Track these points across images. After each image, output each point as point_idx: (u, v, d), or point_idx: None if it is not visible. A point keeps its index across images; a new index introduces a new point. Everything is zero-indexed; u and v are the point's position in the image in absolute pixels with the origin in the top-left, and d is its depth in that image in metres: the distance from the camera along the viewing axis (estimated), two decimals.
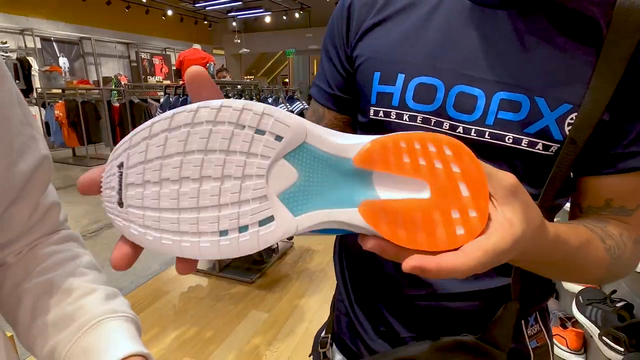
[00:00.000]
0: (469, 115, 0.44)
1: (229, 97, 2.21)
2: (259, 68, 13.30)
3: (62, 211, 0.46)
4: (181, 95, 2.32)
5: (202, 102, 0.24)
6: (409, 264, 0.24)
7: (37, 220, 0.42)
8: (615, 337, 0.84)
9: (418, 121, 0.46)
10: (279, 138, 0.24)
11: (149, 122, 0.24)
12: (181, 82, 5.11)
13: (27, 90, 6.12)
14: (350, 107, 0.56)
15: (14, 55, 6.14)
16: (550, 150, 0.42)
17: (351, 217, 0.25)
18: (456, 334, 0.48)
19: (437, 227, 0.25)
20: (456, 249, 0.25)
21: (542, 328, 0.53)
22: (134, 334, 0.38)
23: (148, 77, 9.00)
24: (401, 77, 0.46)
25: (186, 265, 0.25)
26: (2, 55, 5.87)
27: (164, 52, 9.58)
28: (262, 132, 0.24)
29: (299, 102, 2.75)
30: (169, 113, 0.24)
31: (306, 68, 12.11)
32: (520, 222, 0.27)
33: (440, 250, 0.25)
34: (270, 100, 2.36)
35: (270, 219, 0.24)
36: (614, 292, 0.97)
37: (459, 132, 0.45)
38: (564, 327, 1.22)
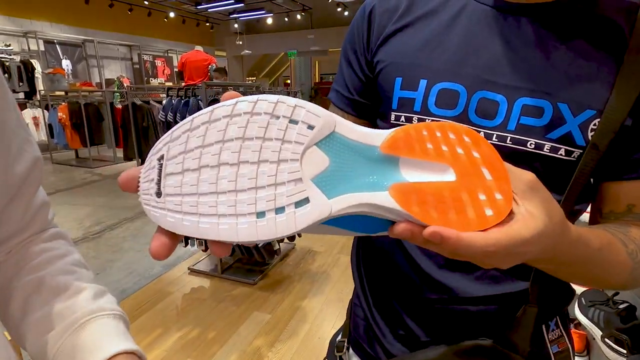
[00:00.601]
0: (490, 120, 0.44)
1: None
2: (261, 69, 13.34)
3: (50, 210, 0.47)
4: (183, 97, 2.33)
5: (240, 97, 0.26)
6: (430, 229, 0.25)
7: (29, 219, 0.43)
8: (617, 339, 0.84)
9: None
10: (310, 127, 0.26)
11: (189, 117, 0.26)
12: (183, 84, 5.12)
13: (31, 93, 6.16)
14: (369, 112, 0.57)
15: (17, 58, 6.18)
16: (572, 156, 0.42)
17: (383, 199, 0.26)
18: (475, 338, 0.48)
19: (466, 207, 0.26)
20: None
21: (563, 333, 0.52)
22: (123, 330, 0.39)
23: (150, 78, 9.04)
24: (423, 83, 0.47)
25: (221, 248, 0.26)
26: (6, 58, 5.93)
27: (166, 54, 9.62)
28: (295, 122, 0.26)
29: None
30: (209, 108, 0.26)
31: (308, 69, 12.13)
32: (542, 214, 0.27)
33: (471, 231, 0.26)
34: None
35: (306, 200, 0.25)
36: (617, 294, 0.97)
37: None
38: None
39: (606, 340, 0.88)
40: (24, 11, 6.55)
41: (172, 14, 8.81)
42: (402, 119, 0.49)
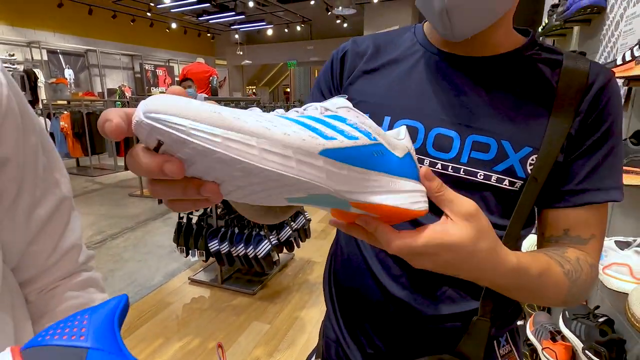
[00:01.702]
0: (446, 153, 0.51)
1: None
2: (261, 78, 13.46)
3: (84, 252, 0.48)
4: None
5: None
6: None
7: (55, 261, 0.43)
8: (596, 351, 0.90)
9: (405, 147, 0.54)
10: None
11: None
12: None
13: (33, 102, 6.23)
14: None
15: (21, 68, 6.26)
16: (515, 186, 0.50)
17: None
18: (438, 353, 0.53)
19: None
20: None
21: (513, 348, 0.58)
22: None
23: (152, 88, 9.13)
24: (387, 119, 0.54)
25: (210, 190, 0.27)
26: (9, 68, 6.01)
27: (167, 64, 9.73)
28: None
29: None
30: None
31: (307, 79, 12.26)
32: (458, 234, 0.35)
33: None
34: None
35: None
36: (597, 307, 1.02)
37: (438, 169, 0.52)
38: (554, 340, 1.26)
39: (587, 352, 0.93)
40: (28, 21, 6.64)
41: (174, 25, 8.93)
42: None
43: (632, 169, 0.85)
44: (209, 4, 7.20)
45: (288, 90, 13.63)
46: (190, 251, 2.49)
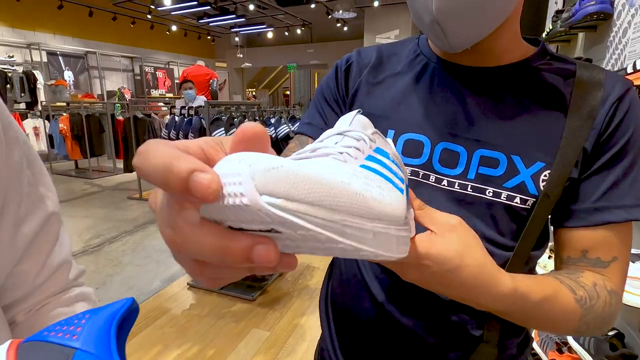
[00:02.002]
0: (452, 169, 0.49)
1: (233, 118, 2.27)
2: (261, 81, 13.46)
3: (74, 268, 0.46)
4: (186, 116, 2.37)
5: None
6: None
7: (44, 279, 0.41)
8: None
9: (407, 174, 0.51)
10: None
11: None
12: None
13: (32, 103, 6.20)
14: None
15: (20, 69, 6.24)
16: (527, 204, 0.47)
17: None
18: None
19: None
20: None
21: None
22: None
23: (151, 90, 9.11)
24: (391, 132, 0.52)
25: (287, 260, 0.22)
26: (8, 69, 5.98)
27: (167, 66, 9.72)
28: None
29: (299, 123, 2.81)
30: None
31: (307, 81, 12.27)
32: (443, 245, 0.33)
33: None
34: (272, 120, 2.43)
35: None
36: None
37: (444, 185, 0.49)
38: (560, 352, 1.24)
39: None
40: (28, 23, 6.63)
41: (174, 27, 8.92)
42: None
43: None
44: (209, 7, 7.19)
45: (288, 92, 13.63)
46: None
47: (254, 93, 12.65)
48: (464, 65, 0.51)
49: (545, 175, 0.46)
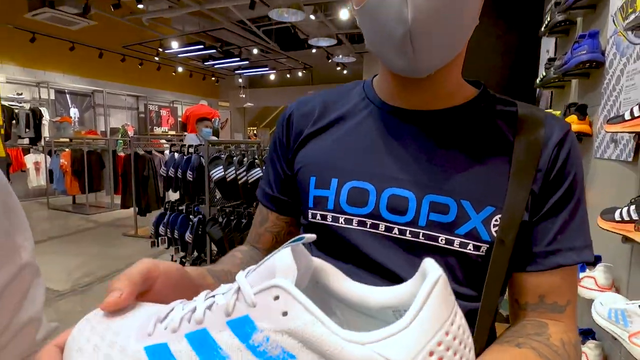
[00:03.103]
0: (402, 216, 0.46)
1: (232, 157, 2.27)
2: (262, 119, 13.79)
3: (44, 327, 0.41)
4: (185, 154, 2.38)
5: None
6: None
7: (6, 341, 0.37)
8: None
9: (354, 224, 0.49)
10: None
11: None
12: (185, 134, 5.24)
13: (36, 139, 6.29)
14: (290, 209, 0.59)
15: (27, 106, 6.39)
16: (481, 251, 0.45)
17: None
18: None
19: None
20: None
21: None
22: None
23: (154, 127, 9.29)
24: (334, 182, 0.50)
25: None
26: (16, 106, 6.13)
27: (171, 104, 9.99)
28: None
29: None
30: None
31: None
32: None
33: None
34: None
35: None
36: None
37: (395, 234, 0.47)
38: None
39: None
40: (40, 63, 6.88)
41: (180, 69, 9.28)
42: (318, 216, 0.51)
43: None
44: (215, 50, 7.53)
45: None
46: (159, 239, 2.40)
47: (255, 132, 12.91)
48: (409, 109, 0.50)
49: (496, 220, 0.44)
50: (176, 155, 2.44)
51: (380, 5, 0.41)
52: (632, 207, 0.88)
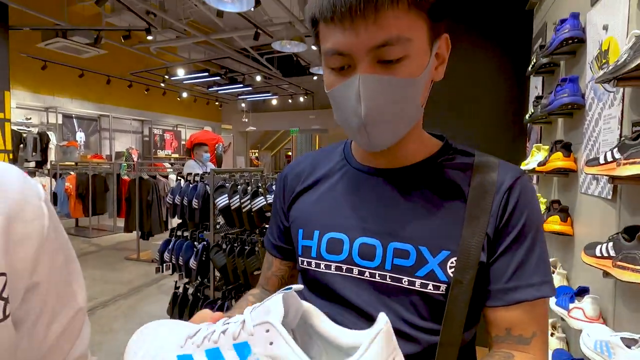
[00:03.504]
0: (371, 262, 0.54)
1: (237, 185, 2.35)
2: (264, 143, 13.99)
3: None
4: (191, 182, 2.47)
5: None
6: None
7: None
8: None
9: (333, 269, 0.57)
10: None
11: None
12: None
13: (42, 162, 6.41)
14: (292, 255, 0.68)
15: (35, 130, 6.55)
16: (440, 290, 0.51)
17: None
18: None
19: None
20: None
21: None
22: None
23: (158, 150, 9.45)
24: (317, 233, 0.59)
25: None
26: (24, 130, 6.27)
27: (175, 128, 10.19)
28: None
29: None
30: None
31: (309, 144, 12.74)
32: None
33: None
34: (274, 187, 2.49)
35: None
36: None
37: (367, 277, 0.55)
38: None
39: None
40: (49, 89, 7.09)
41: (185, 94, 9.52)
42: (305, 263, 0.60)
43: (627, 265, 0.87)
44: (219, 77, 7.76)
45: (290, 154, 14.07)
46: (164, 264, 2.43)
47: (256, 155, 13.07)
48: (380, 168, 0.59)
49: (452, 262, 0.51)
50: (182, 183, 2.52)
51: (342, 98, 0.51)
52: (610, 244, 0.95)
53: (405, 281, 0.52)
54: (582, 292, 1.23)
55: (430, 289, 0.51)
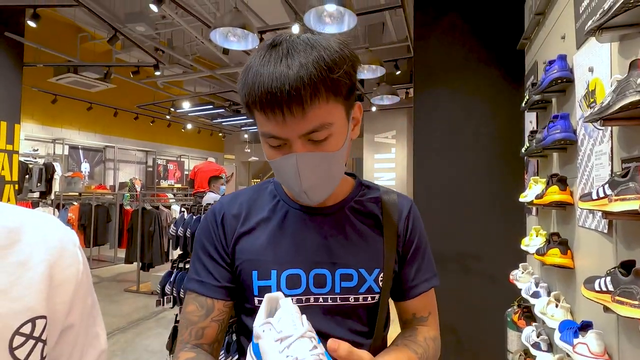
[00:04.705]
0: (323, 288, 0.65)
1: None
2: (266, 172, 14.11)
3: None
4: (195, 214, 2.49)
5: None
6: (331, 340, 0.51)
7: None
8: None
9: (294, 302, 0.61)
10: None
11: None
12: (193, 192, 5.40)
13: (46, 193, 6.46)
14: (235, 294, 0.69)
15: (41, 161, 6.66)
16: (375, 299, 0.68)
17: None
18: None
19: None
20: None
21: None
22: None
23: (161, 180, 9.53)
24: (274, 272, 0.65)
25: None
26: (31, 161, 6.38)
27: (179, 159, 10.33)
28: None
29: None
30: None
31: None
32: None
33: None
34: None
35: None
36: None
37: (321, 302, 0.65)
38: None
39: None
40: (57, 121, 7.27)
41: (189, 126, 9.74)
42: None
43: (625, 300, 0.88)
44: (223, 110, 7.97)
45: None
46: (165, 297, 2.37)
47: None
48: (316, 207, 0.69)
49: (381, 277, 0.68)
50: (186, 215, 2.54)
51: (283, 167, 0.60)
52: (608, 279, 0.96)
53: (351, 299, 0.66)
54: (586, 326, 1.22)
55: (369, 300, 0.67)
